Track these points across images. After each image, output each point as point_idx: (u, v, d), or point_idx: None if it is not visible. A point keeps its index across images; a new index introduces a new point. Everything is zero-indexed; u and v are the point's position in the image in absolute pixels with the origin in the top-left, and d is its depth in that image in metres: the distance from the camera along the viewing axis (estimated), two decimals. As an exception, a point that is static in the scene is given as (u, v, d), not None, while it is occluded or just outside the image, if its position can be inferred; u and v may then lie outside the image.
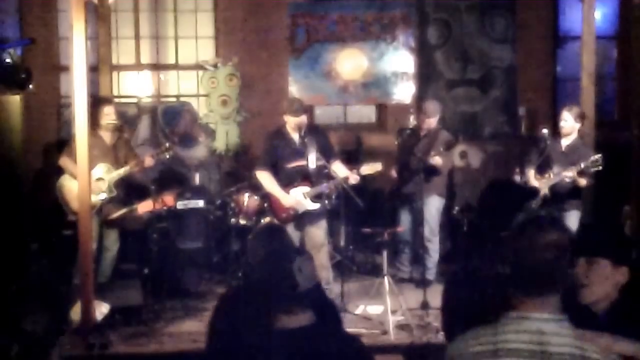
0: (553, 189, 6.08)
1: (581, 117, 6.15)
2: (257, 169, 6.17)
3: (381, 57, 8.81)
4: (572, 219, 6.03)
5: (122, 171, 6.26)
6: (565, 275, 2.05)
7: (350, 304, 6.01)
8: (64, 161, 6.17)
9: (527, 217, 2.13)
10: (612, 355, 2.05)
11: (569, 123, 6.14)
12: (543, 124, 6.56)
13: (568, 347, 1.98)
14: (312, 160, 6.01)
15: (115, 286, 6.08)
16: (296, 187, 6.00)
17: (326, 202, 6.35)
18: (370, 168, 5.99)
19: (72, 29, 5.22)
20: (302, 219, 6.05)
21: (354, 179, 5.93)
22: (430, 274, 6.67)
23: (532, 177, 6.21)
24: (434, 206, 6.72)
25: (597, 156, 5.82)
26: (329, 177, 6.08)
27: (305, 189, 5.99)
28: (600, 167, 5.82)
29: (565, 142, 6.20)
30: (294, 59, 8.76)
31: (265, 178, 6.08)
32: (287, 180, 6.03)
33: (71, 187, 6.01)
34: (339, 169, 6.08)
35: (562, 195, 6.10)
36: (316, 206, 6.02)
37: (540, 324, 2.00)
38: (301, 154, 6.01)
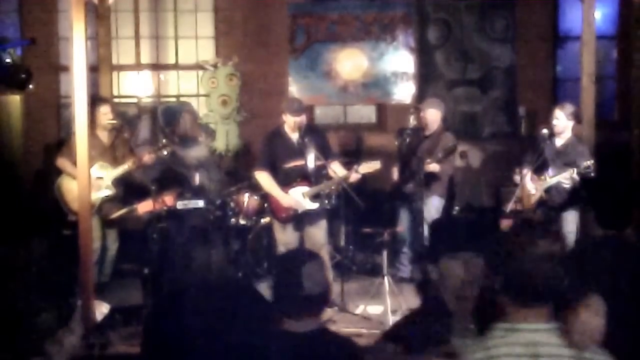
0: (549, 190, 6.07)
1: (575, 115, 6.13)
2: (256, 170, 6.16)
3: (381, 57, 8.81)
4: (570, 219, 6.02)
5: (121, 169, 6.27)
6: (559, 284, 1.96)
7: (350, 304, 6.01)
8: (62, 162, 6.17)
9: (519, 224, 2.08)
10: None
11: (562, 121, 6.11)
12: (543, 124, 6.52)
13: (565, 358, 1.92)
14: (311, 160, 6.01)
15: (115, 286, 6.08)
16: (295, 187, 6.00)
17: (326, 202, 6.36)
18: (369, 166, 5.96)
19: (72, 29, 5.21)
20: (302, 219, 6.05)
21: (353, 177, 5.92)
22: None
23: (529, 178, 6.17)
24: (433, 206, 6.72)
25: (589, 162, 5.76)
26: (328, 177, 6.09)
27: (304, 188, 5.99)
28: (593, 174, 5.78)
29: (559, 141, 6.17)
30: (294, 59, 8.77)
31: (264, 178, 6.07)
32: (286, 180, 6.02)
33: (70, 187, 6.01)
34: (337, 169, 6.08)
35: (559, 196, 6.08)
36: (315, 206, 6.02)
37: (533, 335, 1.94)
38: (300, 154, 6.00)
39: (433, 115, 6.82)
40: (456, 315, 2.48)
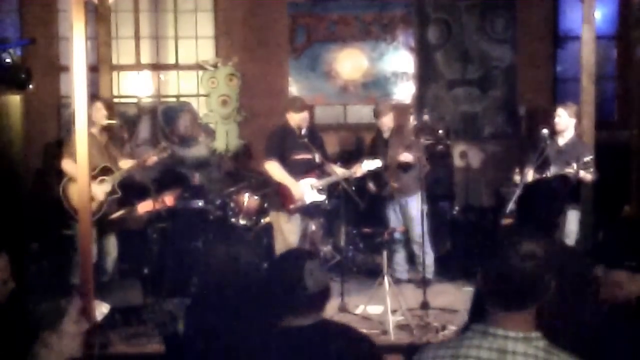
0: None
1: (577, 114, 6.14)
2: (266, 160, 6.22)
3: (381, 57, 8.81)
4: (571, 218, 6.02)
5: (124, 172, 6.22)
6: (542, 289, 1.89)
7: (350, 304, 6.01)
8: (67, 164, 6.01)
9: (506, 225, 2.05)
10: None
11: (564, 119, 6.12)
12: (543, 124, 6.53)
13: None
14: (317, 155, 6.12)
15: (115, 286, 6.08)
16: (303, 178, 6.10)
17: (326, 201, 6.43)
18: (372, 164, 6.18)
19: (72, 29, 5.21)
20: (308, 210, 6.15)
21: (360, 172, 6.16)
22: (429, 273, 6.70)
23: (531, 178, 6.17)
24: (417, 204, 6.64)
25: (588, 158, 5.76)
26: (330, 173, 6.21)
27: (312, 180, 6.10)
28: (592, 169, 5.78)
29: (561, 140, 6.18)
30: (294, 59, 8.77)
31: (274, 168, 6.15)
32: (294, 172, 6.12)
33: (76, 189, 5.89)
34: (336, 168, 6.27)
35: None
36: (322, 198, 6.15)
37: (505, 342, 1.87)
38: (307, 147, 6.08)
39: (390, 119, 6.90)
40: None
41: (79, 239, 5.98)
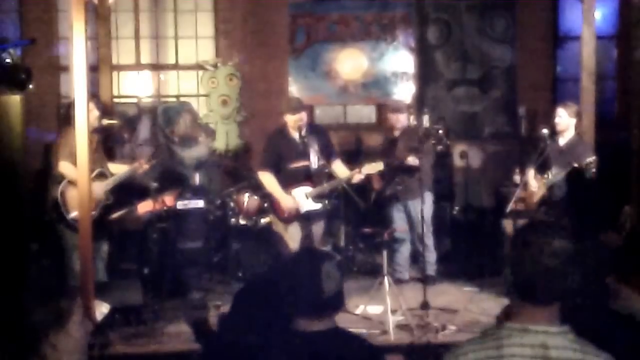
0: (552, 188, 6.07)
1: (577, 114, 6.15)
2: (260, 170, 6.21)
3: (381, 57, 8.81)
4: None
5: (117, 178, 6.14)
6: (568, 284, 1.94)
7: (350, 304, 6.01)
8: (65, 167, 5.90)
9: (531, 222, 2.04)
10: None
11: (564, 119, 6.13)
12: (543, 124, 6.53)
13: None
14: (314, 160, 6.06)
15: (115, 286, 6.07)
16: (298, 187, 6.04)
17: (326, 202, 6.40)
18: (372, 167, 6.03)
19: (72, 29, 5.21)
20: (304, 218, 6.09)
21: (356, 178, 5.99)
22: (432, 271, 6.71)
23: (532, 178, 6.20)
24: (421, 205, 6.64)
25: (591, 159, 5.76)
26: (330, 176, 6.15)
27: (307, 189, 6.04)
28: (594, 170, 5.77)
29: (562, 140, 6.18)
30: (294, 59, 8.77)
31: (266, 179, 6.11)
32: (290, 181, 6.06)
33: (74, 194, 5.78)
34: (339, 167, 6.16)
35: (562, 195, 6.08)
36: (318, 206, 6.08)
37: (545, 338, 1.91)
38: (303, 154, 6.04)
39: (402, 119, 6.95)
40: None
41: (65, 242, 6.00)
